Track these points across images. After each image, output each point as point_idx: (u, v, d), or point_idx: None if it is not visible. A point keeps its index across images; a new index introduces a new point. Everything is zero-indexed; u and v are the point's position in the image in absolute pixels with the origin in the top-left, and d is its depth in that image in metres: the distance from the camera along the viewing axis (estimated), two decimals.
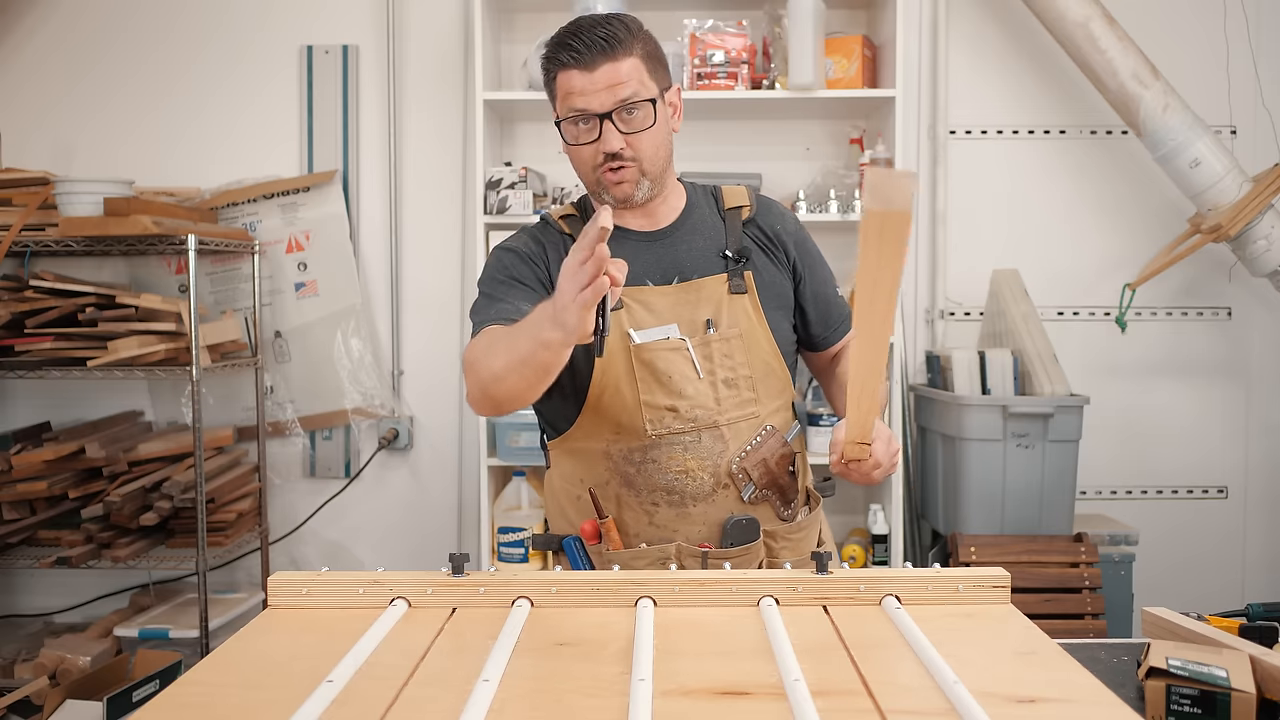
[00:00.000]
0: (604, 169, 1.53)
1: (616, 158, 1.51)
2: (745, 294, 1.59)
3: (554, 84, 1.53)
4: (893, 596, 1.26)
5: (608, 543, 1.57)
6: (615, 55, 1.48)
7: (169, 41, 3.32)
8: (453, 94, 3.31)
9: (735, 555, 1.54)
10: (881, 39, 3.14)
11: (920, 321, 3.32)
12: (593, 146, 1.52)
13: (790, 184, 3.22)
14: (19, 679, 2.86)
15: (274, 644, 1.16)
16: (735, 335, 1.57)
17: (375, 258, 3.34)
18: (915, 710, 0.95)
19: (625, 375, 1.55)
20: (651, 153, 1.54)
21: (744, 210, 1.65)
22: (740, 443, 1.56)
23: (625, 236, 1.60)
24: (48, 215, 2.89)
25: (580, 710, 0.96)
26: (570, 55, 1.48)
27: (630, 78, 1.49)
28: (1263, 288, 3.24)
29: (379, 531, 3.39)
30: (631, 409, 1.54)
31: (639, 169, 1.53)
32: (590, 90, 1.48)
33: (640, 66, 1.51)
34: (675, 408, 1.54)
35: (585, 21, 1.51)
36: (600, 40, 1.47)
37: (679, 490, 1.55)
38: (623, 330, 1.55)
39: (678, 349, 1.55)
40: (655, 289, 1.58)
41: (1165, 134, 2.93)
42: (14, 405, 3.38)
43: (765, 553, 1.59)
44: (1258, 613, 1.50)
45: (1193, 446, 3.35)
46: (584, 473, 1.59)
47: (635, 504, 1.56)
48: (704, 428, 1.55)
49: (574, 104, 1.50)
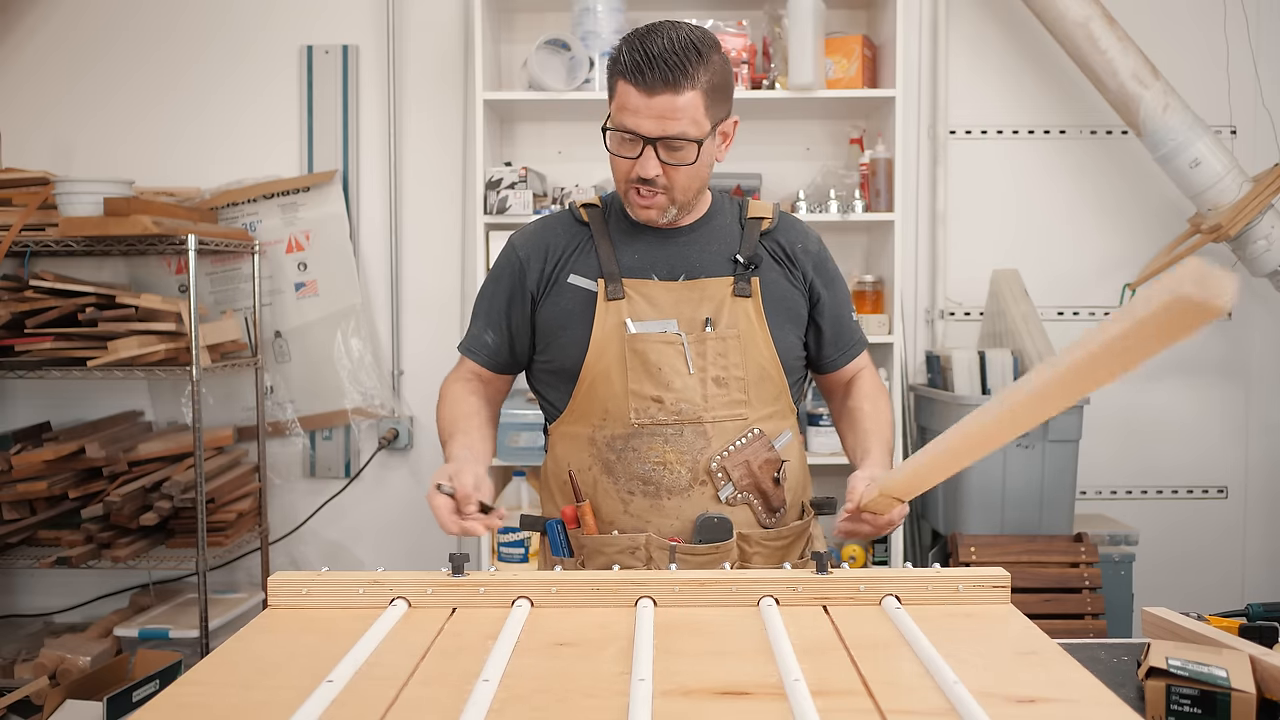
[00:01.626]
0: (634, 188, 1.55)
1: (648, 183, 1.53)
2: (749, 298, 1.60)
3: (614, 84, 1.52)
4: (893, 596, 1.26)
5: (583, 527, 1.59)
6: (678, 88, 1.46)
7: (169, 41, 3.32)
8: (453, 94, 3.31)
9: (704, 553, 1.54)
10: (881, 39, 3.14)
11: (920, 321, 3.32)
12: (630, 162, 1.52)
13: (790, 184, 3.22)
14: (19, 679, 2.86)
15: (274, 644, 1.16)
16: (733, 336, 1.58)
17: (375, 258, 3.34)
18: (915, 710, 0.95)
19: (616, 363, 1.57)
20: (685, 184, 1.55)
21: (764, 222, 1.66)
22: (724, 442, 1.57)
23: (642, 230, 1.63)
24: (48, 215, 2.89)
25: (580, 710, 0.96)
26: (635, 73, 1.46)
27: (684, 114, 1.48)
28: (1263, 288, 3.24)
29: (379, 531, 3.39)
30: (619, 396, 1.57)
31: (669, 197, 1.55)
32: (644, 113, 1.48)
33: (699, 101, 1.49)
34: (661, 399, 1.56)
35: (662, 42, 1.47)
36: (668, 69, 1.45)
37: (655, 481, 1.56)
38: (621, 320, 1.57)
39: (672, 343, 1.57)
40: (660, 284, 1.60)
41: (1165, 134, 2.93)
42: (14, 405, 3.38)
43: (738, 555, 1.59)
44: (1258, 613, 1.50)
45: (1192, 446, 3.35)
46: (571, 457, 1.62)
47: (613, 491, 1.58)
48: (687, 422, 1.56)
49: (625, 120, 1.50)
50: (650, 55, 1.45)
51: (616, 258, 1.61)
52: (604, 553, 1.57)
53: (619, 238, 1.63)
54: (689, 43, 1.48)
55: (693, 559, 1.54)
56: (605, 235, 1.63)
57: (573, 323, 1.60)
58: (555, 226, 1.68)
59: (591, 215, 1.66)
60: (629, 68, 1.47)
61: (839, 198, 3.06)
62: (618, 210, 1.66)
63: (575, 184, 3.10)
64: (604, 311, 1.58)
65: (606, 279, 1.59)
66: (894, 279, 3.04)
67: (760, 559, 1.59)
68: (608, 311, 1.58)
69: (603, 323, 1.57)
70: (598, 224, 1.65)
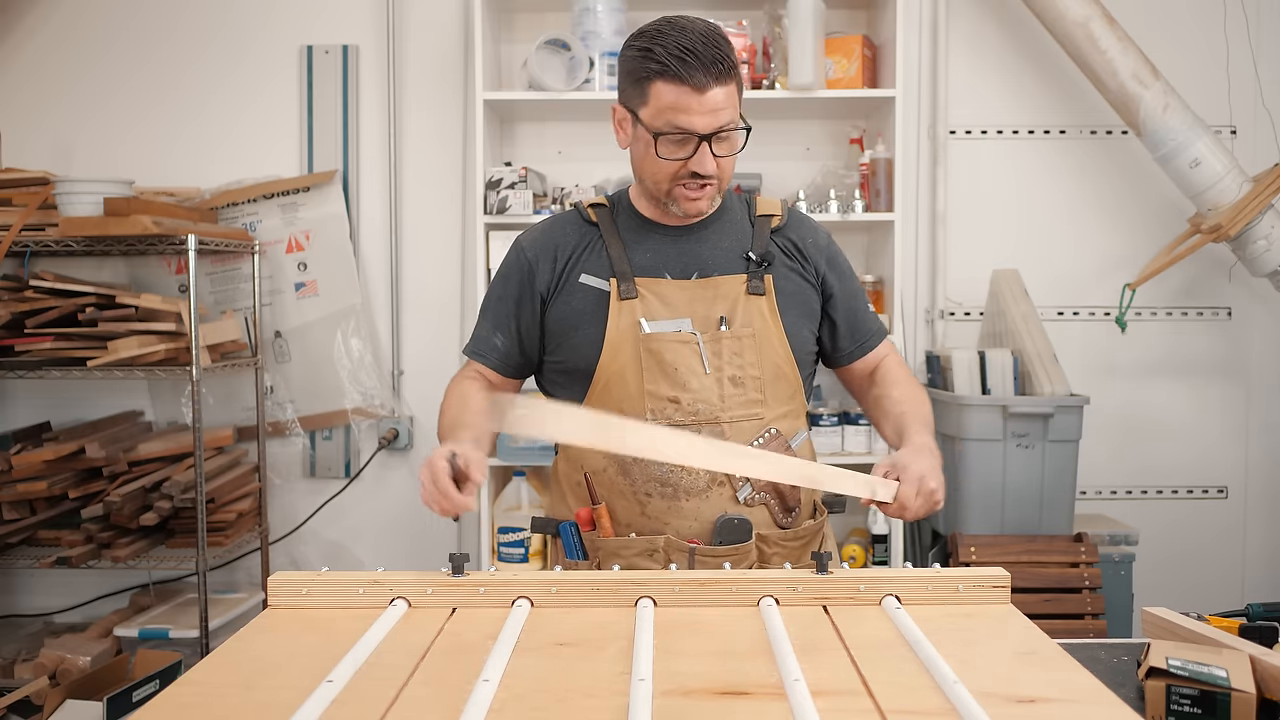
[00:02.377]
0: (684, 184, 1.54)
1: (701, 178, 1.53)
2: (763, 296, 1.59)
3: (646, 87, 1.50)
4: (893, 596, 1.26)
5: (599, 529, 1.58)
6: (723, 79, 1.47)
7: (169, 41, 3.32)
8: (453, 94, 3.31)
9: (724, 555, 1.53)
10: (881, 39, 3.14)
11: (920, 321, 3.32)
12: (680, 162, 1.52)
13: (790, 184, 3.22)
14: (19, 679, 2.86)
15: (274, 644, 1.16)
16: (748, 334, 1.58)
17: (375, 258, 3.34)
18: (915, 710, 0.95)
19: (631, 363, 1.56)
20: (729, 172, 1.57)
21: (774, 219, 1.66)
22: (741, 442, 1.55)
23: (652, 229, 1.63)
24: (48, 215, 2.89)
25: (580, 710, 0.96)
26: (684, 71, 1.45)
27: (730, 104, 1.49)
28: (1263, 288, 3.24)
29: (379, 531, 3.39)
30: (635, 397, 1.55)
31: (716, 188, 1.57)
32: (697, 111, 1.47)
33: (735, 90, 1.51)
34: (678, 399, 1.55)
35: (696, 36, 1.47)
36: (713, 63, 1.46)
37: (672, 483, 1.55)
38: (635, 320, 1.56)
39: (687, 342, 1.56)
40: (673, 282, 1.59)
41: (1165, 134, 2.93)
42: (14, 405, 3.37)
43: (757, 556, 1.58)
44: (1258, 613, 1.50)
45: (1192, 446, 3.35)
46: (585, 458, 1.60)
47: (629, 493, 1.57)
48: (705, 423, 1.55)
49: (677, 121, 1.48)
50: (692, 51, 1.45)
51: (628, 257, 1.60)
52: (621, 555, 1.55)
53: (629, 236, 1.63)
54: (716, 33, 1.49)
55: (712, 561, 1.52)
56: (615, 234, 1.62)
57: (585, 323, 1.59)
58: (563, 226, 1.67)
59: (600, 215, 1.65)
60: (674, 68, 1.46)
61: (839, 198, 3.06)
62: (626, 208, 1.66)
63: (575, 184, 3.10)
64: (617, 311, 1.57)
65: (619, 278, 1.58)
66: (894, 279, 3.04)
67: (779, 560, 1.58)
68: (621, 311, 1.57)
69: (616, 323, 1.56)
70: (606, 223, 1.64)
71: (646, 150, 1.53)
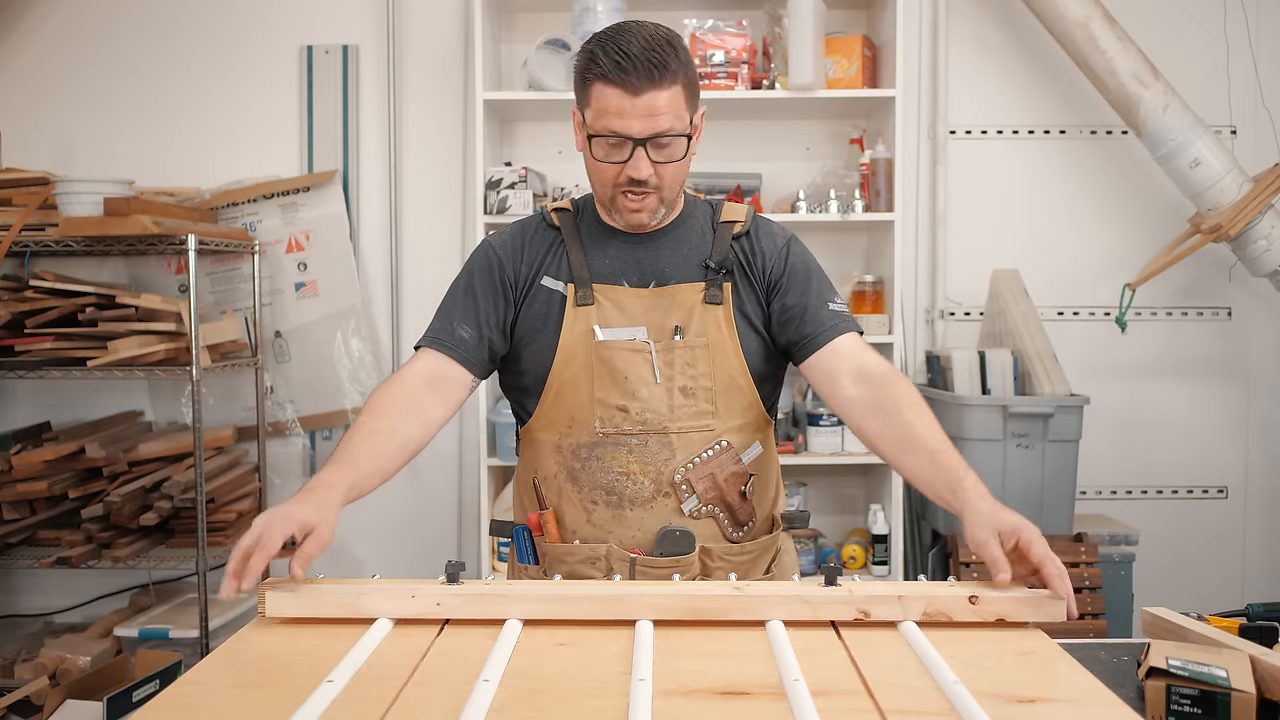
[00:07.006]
0: (624, 191, 1.51)
1: (640, 184, 1.50)
2: (720, 305, 1.57)
3: (589, 89, 1.49)
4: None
5: (545, 535, 1.57)
6: (661, 84, 1.45)
7: (169, 41, 3.31)
8: (453, 94, 3.31)
9: (665, 566, 1.51)
10: (881, 39, 3.14)
11: (920, 321, 3.32)
12: (615, 167, 1.50)
13: (790, 184, 3.22)
14: (19, 679, 2.86)
15: (273, 644, 1.16)
16: (701, 344, 1.55)
17: (375, 258, 3.34)
18: (915, 710, 0.95)
19: (583, 371, 1.54)
20: (672, 181, 1.53)
21: (736, 226, 1.62)
22: (689, 453, 1.54)
23: (612, 235, 1.60)
24: (48, 215, 2.89)
25: (580, 710, 0.96)
26: (618, 74, 1.44)
27: (670, 109, 1.46)
28: (1263, 288, 3.24)
29: (379, 533, 3.38)
30: (585, 404, 1.54)
31: (658, 197, 1.53)
32: (630, 114, 1.45)
33: (680, 96, 1.48)
34: (626, 408, 1.53)
35: (638, 41, 1.45)
36: (651, 67, 1.44)
37: (618, 491, 1.54)
38: (589, 327, 1.55)
39: (640, 351, 1.54)
40: (630, 290, 1.57)
41: (1165, 134, 2.93)
42: (14, 405, 3.37)
43: (701, 569, 1.55)
44: (1258, 613, 1.50)
45: (1192, 446, 3.35)
46: (538, 464, 1.60)
47: (576, 500, 1.56)
48: (652, 432, 1.53)
49: (610, 124, 1.47)
50: (629, 55, 1.44)
51: (588, 263, 1.58)
52: (565, 562, 1.55)
53: (590, 242, 1.60)
54: (662, 39, 1.47)
55: (654, 572, 1.51)
56: (576, 240, 1.60)
57: (543, 328, 1.57)
58: (529, 231, 1.64)
59: (563, 219, 1.62)
60: (609, 70, 1.44)
61: (839, 198, 3.06)
62: (590, 214, 1.63)
63: (575, 184, 3.10)
64: (572, 318, 1.55)
65: (576, 284, 1.56)
66: (894, 279, 3.04)
67: (722, 574, 1.53)
68: (576, 318, 1.55)
69: (571, 329, 1.55)
70: (569, 228, 1.61)
71: (590, 159, 1.52)
